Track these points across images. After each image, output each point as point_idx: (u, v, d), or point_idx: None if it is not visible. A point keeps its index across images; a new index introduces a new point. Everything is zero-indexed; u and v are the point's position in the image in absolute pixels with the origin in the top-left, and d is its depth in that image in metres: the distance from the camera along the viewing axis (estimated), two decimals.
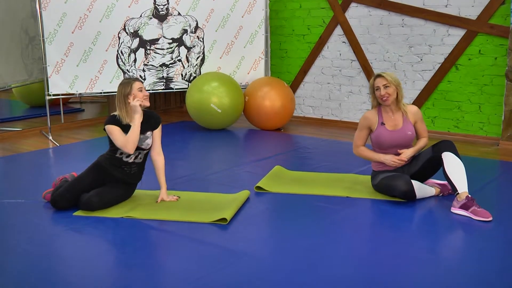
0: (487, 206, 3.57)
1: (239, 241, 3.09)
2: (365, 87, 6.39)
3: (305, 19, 6.76)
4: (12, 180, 4.46)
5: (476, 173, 4.15)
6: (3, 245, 3.07)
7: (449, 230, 3.21)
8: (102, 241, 3.18)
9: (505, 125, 5.32)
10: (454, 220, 3.34)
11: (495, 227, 3.22)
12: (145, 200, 3.79)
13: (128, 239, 3.13)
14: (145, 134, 3.62)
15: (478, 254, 2.86)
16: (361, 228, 3.29)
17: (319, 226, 3.30)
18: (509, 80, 5.23)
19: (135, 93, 3.52)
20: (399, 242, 3.05)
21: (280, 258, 2.85)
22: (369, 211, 3.55)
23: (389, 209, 3.55)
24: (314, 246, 2.98)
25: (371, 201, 3.71)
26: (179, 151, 5.41)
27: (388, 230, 3.23)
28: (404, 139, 3.72)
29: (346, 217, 3.44)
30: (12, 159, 5.11)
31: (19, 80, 6.79)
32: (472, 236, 3.11)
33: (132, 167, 3.68)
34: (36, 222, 3.39)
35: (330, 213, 3.52)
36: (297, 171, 4.51)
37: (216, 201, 3.74)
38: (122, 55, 6.22)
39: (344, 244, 3.02)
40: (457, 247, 2.98)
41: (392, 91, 3.66)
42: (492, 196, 3.87)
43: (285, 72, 7.05)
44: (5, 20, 6.43)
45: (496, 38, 5.41)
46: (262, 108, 6.09)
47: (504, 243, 3.00)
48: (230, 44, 6.54)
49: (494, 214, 3.36)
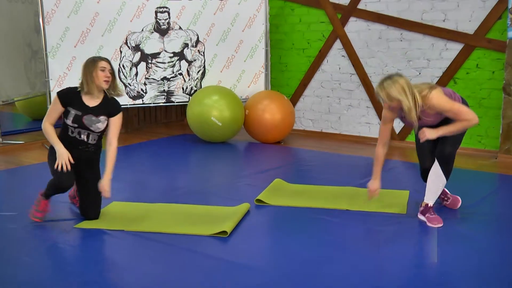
0: (486, 219, 3.59)
1: (239, 253, 3.09)
2: (364, 100, 6.41)
3: (305, 33, 6.80)
4: (14, 192, 4.47)
5: (475, 186, 4.16)
6: (3, 257, 3.07)
7: (447, 244, 3.21)
8: (103, 253, 3.18)
9: (503, 138, 5.34)
10: (453, 233, 3.35)
11: (493, 239, 3.23)
12: (146, 213, 3.79)
13: (129, 251, 3.14)
14: (98, 117, 3.56)
15: (477, 267, 2.86)
16: (360, 241, 3.29)
17: (319, 238, 3.30)
18: (506, 93, 5.25)
19: (98, 72, 3.49)
20: (399, 254, 3.05)
21: (280, 271, 2.85)
22: (368, 224, 3.55)
23: (389, 222, 3.55)
24: (314, 259, 2.98)
25: (370, 214, 3.71)
26: (180, 163, 5.42)
27: (387, 243, 3.23)
28: (425, 126, 3.47)
29: (346, 230, 3.45)
30: (15, 171, 5.12)
31: (22, 94, 6.81)
32: (471, 249, 3.11)
33: (88, 146, 3.62)
34: (37, 234, 3.40)
35: (330, 226, 3.52)
36: (297, 184, 4.52)
37: (216, 214, 3.75)
38: (124, 69, 6.26)
39: (344, 257, 3.02)
40: (456, 260, 2.98)
41: (396, 105, 3.40)
42: (490, 209, 3.88)
43: (285, 85, 7.08)
44: (9, 33, 6.47)
45: (493, 53, 5.45)
46: (262, 121, 6.11)
47: (502, 256, 3.01)
48: (230, 58, 6.58)
49: (493, 226, 3.37)
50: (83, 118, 3.53)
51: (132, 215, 3.74)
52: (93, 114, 3.55)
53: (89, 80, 3.51)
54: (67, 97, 3.55)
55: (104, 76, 3.52)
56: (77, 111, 3.52)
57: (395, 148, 6.03)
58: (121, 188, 4.47)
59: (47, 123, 3.56)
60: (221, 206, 3.92)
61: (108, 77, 3.54)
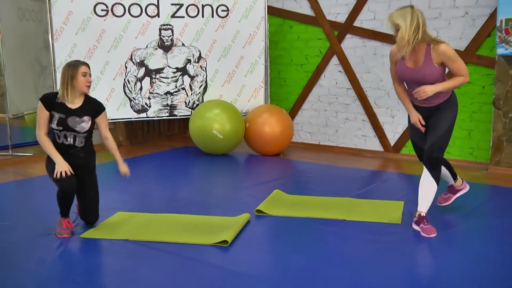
0: (478, 228, 3.59)
1: (240, 262, 3.09)
2: (360, 114, 6.43)
3: (303, 50, 6.83)
4: (23, 203, 4.48)
5: (467, 196, 4.16)
6: (12, 265, 3.08)
7: (441, 252, 3.22)
8: (108, 262, 3.18)
9: (493, 150, 5.35)
10: (446, 242, 3.35)
11: (486, 248, 3.23)
12: (150, 223, 3.80)
13: (133, 260, 3.14)
14: (81, 117, 3.55)
15: (471, 275, 2.86)
16: (357, 250, 3.29)
17: (317, 248, 3.30)
18: (496, 108, 5.27)
19: (79, 78, 3.48)
20: (394, 263, 3.05)
21: (279, 279, 2.85)
22: (365, 233, 3.55)
23: (384, 232, 3.55)
24: (312, 268, 2.98)
25: (367, 224, 3.72)
26: (182, 175, 5.43)
27: (383, 252, 3.23)
28: (422, 77, 3.41)
29: (343, 240, 3.45)
30: (23, 183, 5.13)
31: (31, 108, 6.83)
32: (464, 258, 3.11)
33: (77, 149, 3.60)
34: (44, 243, 3.40)
35: (328, 235, 3.53)
36: (296, 195, 4.52)
37: (217, 223, 3.75)
38: (129, 84, 6.29)
39: (341, 266, 3.02)
40: (450, 269, 2.98)
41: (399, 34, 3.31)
42: (482, 219, 3.88)
43: (284, 99, 7.10)
44: (20, 50, 6.51)
45: (484, 68, 5.48)
46: (262, 134, 6.12)
47: (495, 264, 3.01)
48: (231, 73, 6.61)
49: (485, 236, 3.37)
50: (67, 120, 3.51)
51: (136, 224, 3.75)
52: (76, 115, 3.54)
53: (70, 86, 3.49)
54: (50, 102, 3.52)
55: (86, 81, 3.53)
56: (61, 114, 3.50)
57: (389, 160, 6.05)
58: (125, 198, 4.48)
59: (42, 133, 3.53)
60: (222, 216, 3.93)
61: (90, 82, 3.56)
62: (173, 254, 3.22)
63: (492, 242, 3.37)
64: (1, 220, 3.89)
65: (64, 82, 3.50)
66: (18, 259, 3.18)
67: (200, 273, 2.94)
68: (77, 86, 3.52)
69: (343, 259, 3.13)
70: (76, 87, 3.52)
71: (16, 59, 6.43)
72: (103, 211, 4.05)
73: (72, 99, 3.54)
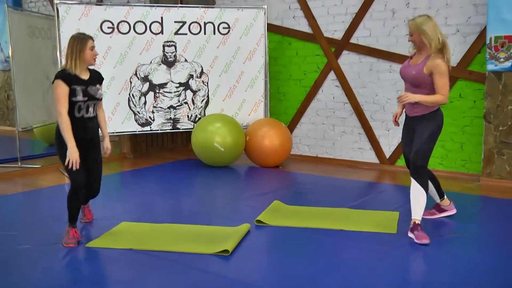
0: (471, 237, 3.58)
1: (240, 271, 3.09)
2: (357, 127, 6.45)
3: (301, 65, 6.86)
4: (31, 213, 4.48)
5: (459, 207, 4.17)
6: (18, 274, 3.08)
7: (435, 261, 3.22)
8: (113, 271, 3.17)
9: (485, 162, 5.36)
10: (440, 251, 3.35)
11: (478, 256, 3.23)
12: (153, 233, 3.80)
13: (137, 269, 3.14)
14: (95, 86, 3.63)
15: (464, 283, 2.86)
16: (355, 259, 3.29)
17: (315, 257, 3.30)
18: (487, 121, 5.29)
19: (87, 51, 3.52)
20: (390, 271, 3.05)
21: (280, 287, 2.84)
22: (362, 243, 3.55)
23: (380, 241, 3.56)
24: (311, 276, 2.98)
25: (363, 234, 3.72)
26: (184, 187, 5.43)
27: (380, 260, 3.23)
28: (410, 75, 3.66)
29: (341, 249, 3.45)
30: (32, 194, 5.14)
31: (40, 121, 6.86)
32: (458, 266, 3.11)
33: (93, 121, 3.68)
34: (50, 252, 3.40)
35: (326, 245, 3.53)
36: (295, 205, 4.52)
37: (219, 233, 3.75)
38: (133, 98, 6.31)
39: (339, 274, 3.02)
40: (444, 277, 2.98)
41: (415, 38, 3.61)
42: (474, 228, 3.88)
43: (283, 113, 7.12)
44: (30, 67, 6.55)
45: (474, 83, 5.51)
46: (262, 147, 6.13)
47: (487, 272, 3.01)
48: (232, 88, 6.64)
49: (478, 244, 3.37)
50: (88, 89, 3.56)
51: (140, 234, 3.75)
52: (91, 84, 3.61)
53: (78, 58, 3.50)
54: (68, 77, 3.50)
55: (94, 54, 3.58)
56: (81, 85, 3.53)
57: (385, 172, 6.05)
58: (130, 209, 4.48)
59: (64, 110, 3.46)
60: (223, 226, 3.93)
61: (96, 55, 3.61)
62: (176, 262, 3.22)
63: (485, 250, 3.38)
64: (9, 230, 3.90)
65: (73, 55, 3.51)
66: (25, 268, 3.18)
67: (202, 281, 2.94)
68: (86, 59, 3.56)
69: (341, 268, 3.13)
70: (84, 59, 3.55)
71: (25, 75, 6.46)
72: (108, 221, 4.06)
73: (81, 71, 3.57)
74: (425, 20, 3.54)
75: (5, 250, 3.47)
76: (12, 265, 3.22)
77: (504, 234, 3.70)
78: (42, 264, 3.22)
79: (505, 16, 5.02)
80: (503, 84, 5.18)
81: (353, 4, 6.26)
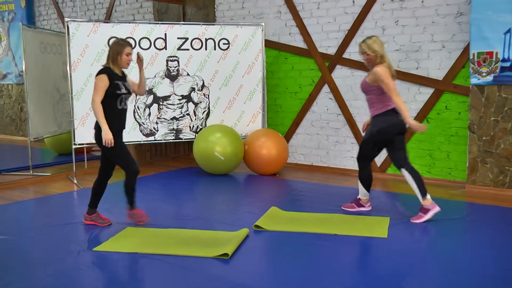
0: (455, 240, 3.59)
1: (239, 273, 3.09)
2: (349, 137, 6.47)
3: (297, 79, 6.89)
4: (42, 219, 4.48)
5: (446, 212, 4.18)
6: (30, 278, 3.08)
7: (423, 263, 3.23)
8: (118, 274, 3.18)
9: (469, 170, 5.38)
10: (429, 254, 3.36)
11: (465, 259, 3.24)
12: (157, 237, 3.80)
13: (142, 272, 3.14)
14: (127, 81, 3.95)
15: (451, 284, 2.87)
16: (348, 262, 3.30)
17: (311, 260, 3.31)
18: (471, 132, 5.32)
19: (123, 56, 3.79)
20: (382, 273, 3.06)
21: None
22: (354, 247, 3.57)
23: (372, 245, 3.56)
24: (306, 278, 2.99)
25: (356, 238, 3.73)
26: (186, 193, 5.43)
27: (371, 263, 3.24)
28: (361, 84, 4.28)
29: (335, 252, 3.46)
30: (42, 200, 5.14)
31: (51, 131, 6.87)
32: (445, 268, 3.12)
33: (125, 113, 4.00)
34: (59, 256, 3.40)
35: (321, 248, 3.53)
36: (291, 211, 4.53)
37: (219, 238, 3.76)
38: (138, 110, 6.33)
39: (333, 277, 3.02)
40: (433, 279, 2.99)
41: (372, 57, 4.09)
42: (460, 232, 3.90)
43: (280, 124, 7.13)
44: (41, 80, 6.57)
45: (459, 96, 5.54)
46: (260, 156, 6.14)
47: (473, 273, 3.02)
48: (232, 100, 6.66)
49: (464, 248, 3.38)
50: (125, 84, 3.87)
51: (144, 239, 3.75)
52: (125, 80, 3.92)
53: (114, 60, 3.81)
54: (112, 73, 3.81)
55: (128, 60, 3.84)
56: (120, 81, 3.83)
57: (376, 179, 6.06)
58: None
59: (98, 99, 3.76)
60: (223, 231, 3.93)
61: (130, 61, 3.86)
62: (178, 265, 3.22)
63: (471, 254, 3.39)
64: (21, 235, 3.90)
65: (110, 56, 3.82)
66: (37, 271, 3.19)
67: (203, 283, 2.94)
68: (120, 62, 3.83)
69: (335, 270, 3.14)
70: (119, 62, 3.82)
71: (38, 88, 6.48)
72: (114, 226, 4.07)
73: (117, 70, 3.89)
74: (374, 41, 4.08)
75: (18, 254, 3.47)
76: (25, 269, 3.22)
77: (488, 238, 3.72)
78: (52, 267, 3.22)
79: (486, 34, 5.07)
80: (485, 97, 5.21)
81: (345, 21, 6.31)
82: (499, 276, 3.01)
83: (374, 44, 4.06)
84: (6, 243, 3.70)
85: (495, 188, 5.24)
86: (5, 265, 3.28)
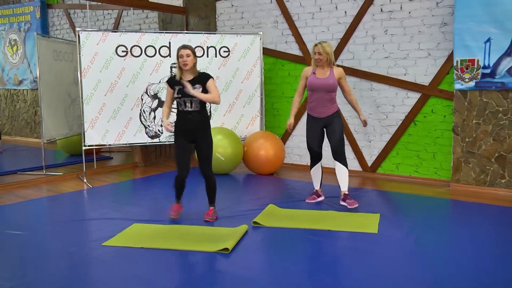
0: (439, 236, 3.58)
1: (239, 267, 3.09)
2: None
3: (293, 84, 6.88)
4: (55, 216, 4.47)
5: (431, 209, 4.18)
6: (45, 270, 3.07)
7: (413, 257, 3.22)
8: (126, 267, 3.17)
9: (454, 170, 5.38)
10: (417, 248, 3.35)
11: (449, 253, 3.24)
12: (162, 233, 3.79)
13: (148, 265, 3.13)
14: (193, 86, 3.93)
15: (436, 279, 2.86)
16: (341, 256, 3.29)
17: (307, 254, 3.30)
18: (455, 134, 5.32)
19: (179, 59, 3.89)
20: (373, 266, 3.05)
21: (274, 282, 2.84)
22: (347, 241, 3.56)
23: (364, 240, 3.56)
24: (303, 271, 2.98)
25: (349, 233, 3.73)
26: (189, 192, 5.41)
27: (363, 256, 3.23)
28: (327, 84, 4.42)
29: (329, 247, 3.45)
30: (55, 198, 5.13)
31: (62, 134, 6.85)
32: (434, 263, 3.12)
33: (193, 114, 3.99)
34: (71, 251, 3.39)
35: (316, 243, 3.53)
36: (287, 208, 4.52)
37: (219, 233, 3.75)
38: (144, 113, 6.32)
39: (327, 270, 3.02)
40: (421, 271, 2.98)
41: (324, 57, 4.37)
42: (445, 228, 3.89)
43: (277, 127, 7.13)
44: (54, 85, 6.56)
45: (444, 100, 5.54)
46: (258, 156, 6.14)
47: (458, 268, 3.01)
48: (232, 104, 6.65)
49: (448, 243, 3.37)
50: (180, 89, 3.94)
51: (150, 234, 3.74)
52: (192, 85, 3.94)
53: (178, 64, 3.94)
54: (172, 81, 4.02)
55: (182, 61, 3.90)
56: (179, 86, 3.93)
57: (367, 179, 6.06)
58: (141, 212, 4.48)
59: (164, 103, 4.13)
60: (224, 227, 3.93)
61: (184, 61, 3.89)
62: (182, 259, 3.21)
63: (456, 248, 3.38)
64: (35, 230, 3.89)
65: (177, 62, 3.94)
66: (51, 265, 3.17)
67: (205, 276, 2.93)
68: (179, 65, 3.93)
69: (329, 263, 3.13)
70: (180, 65, 3.93)
71: (50, 93, 6.48)
72: (121, 223, 4.06)
73: (184, 75, 3.97)
74: (328, 45, 4.38)
75: (32, 248, 3.46)
76: (40, 263, 3.21)
77: (471, 233, 3.71)
78: (65, 260, 3.21)
79: (468, 43, 5.08)
80: (468, 101, 5.21)
81: (338, 31, 6.30)
82: (483, 267, 3.00)
83: (328, 47, 4.37)
84: (22, 238, 3.70)
85: (477, 186, 5.24)
86: (21, 258, 3.27)
